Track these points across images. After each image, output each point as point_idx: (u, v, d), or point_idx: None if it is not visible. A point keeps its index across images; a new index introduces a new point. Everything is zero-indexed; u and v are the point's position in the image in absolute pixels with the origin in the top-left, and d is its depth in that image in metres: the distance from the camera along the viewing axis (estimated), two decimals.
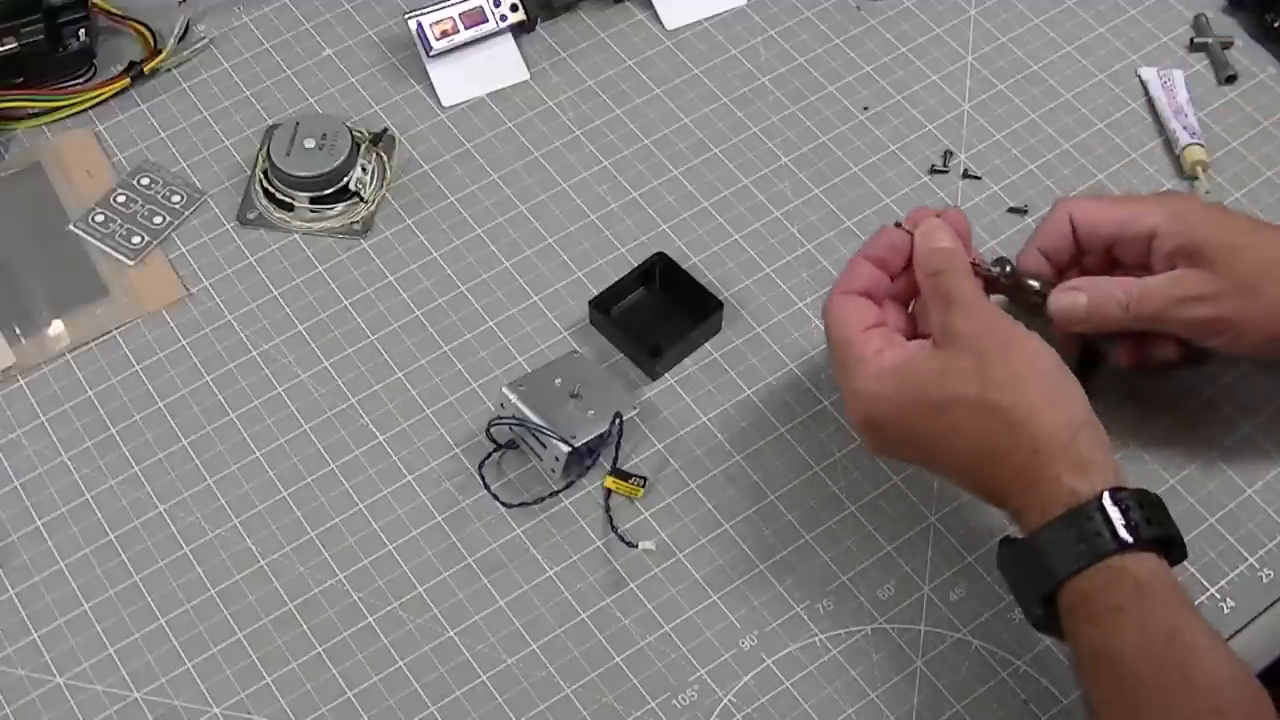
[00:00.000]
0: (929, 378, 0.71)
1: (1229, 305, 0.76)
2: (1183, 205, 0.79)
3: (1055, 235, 0.80)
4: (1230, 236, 0.77)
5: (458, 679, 0.76)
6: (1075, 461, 0.69)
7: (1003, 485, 0.71)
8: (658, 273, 0.89)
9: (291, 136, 0.91)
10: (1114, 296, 0.77)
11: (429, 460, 0.83)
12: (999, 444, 0.70)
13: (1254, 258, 0.76)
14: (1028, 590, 0.70)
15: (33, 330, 0.87)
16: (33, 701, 0.75)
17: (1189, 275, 0.76)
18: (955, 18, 1.02)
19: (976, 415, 0.70)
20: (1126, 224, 0.78)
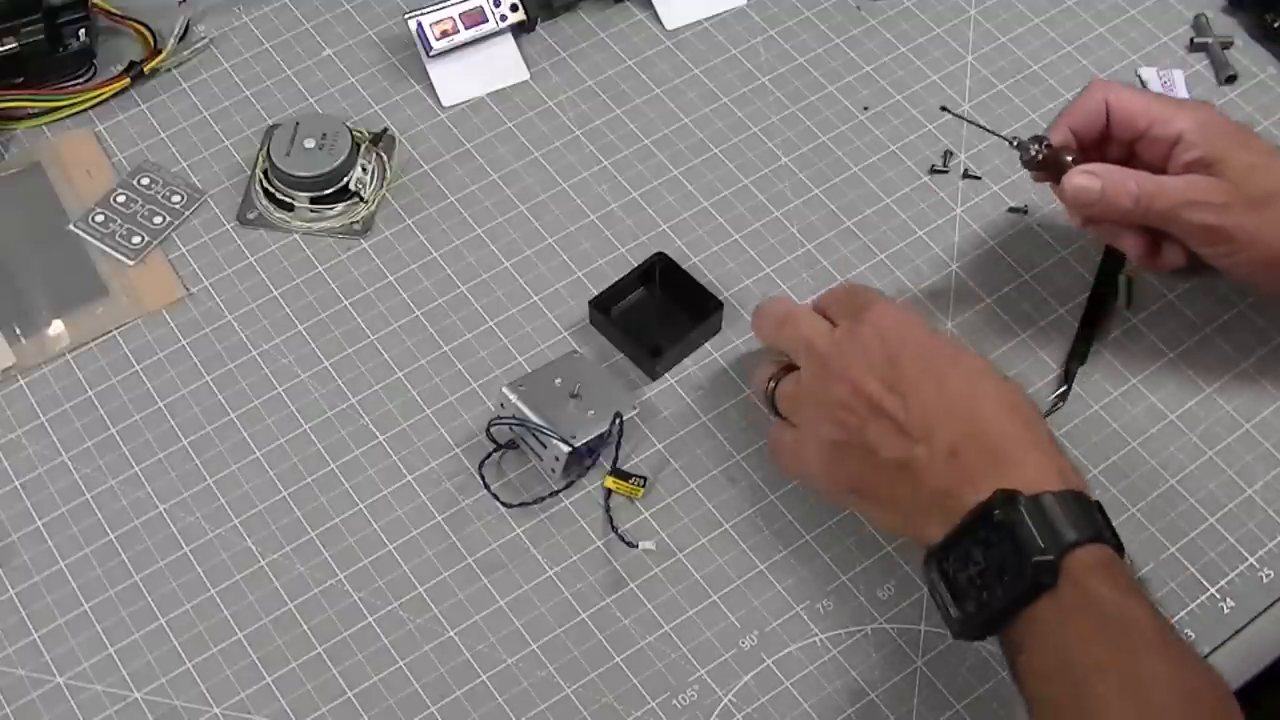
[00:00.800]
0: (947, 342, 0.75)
1: (1234, 218, 0.77)
2: (1211, 118, 0.80)
3: (1089, 115, 0.81)
4: (1251, 155, 0.79)
5: (458, 679, 0.76)
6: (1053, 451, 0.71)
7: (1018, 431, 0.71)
8: (658, 273, 0.89)
9: (291, 136, 0.91)
10: (1127, 187, 0.78)
11: (429, 460, 0.83)
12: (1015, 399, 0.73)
13: (1269, 177, 0.78)
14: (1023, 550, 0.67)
15: (33, 330, 0.87)
16: (33, 701, 0.76)
17: (1203, 181, 0.78)
18: (955, 18, 1.02)
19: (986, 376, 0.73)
20: (1157, 123, 0.80)
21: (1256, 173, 0.78)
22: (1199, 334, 0.88)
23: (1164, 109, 0.80)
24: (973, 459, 0.70)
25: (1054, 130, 0.82)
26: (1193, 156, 0.79)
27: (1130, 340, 0.88)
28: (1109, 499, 0.82)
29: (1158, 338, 0.88)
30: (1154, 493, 0.82)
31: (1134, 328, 0.88)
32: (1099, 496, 0.81)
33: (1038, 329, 0.88)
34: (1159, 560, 0.80)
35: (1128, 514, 0.81)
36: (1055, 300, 0.89)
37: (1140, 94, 0.82)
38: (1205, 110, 0.81)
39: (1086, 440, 0.84)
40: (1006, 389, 0.73)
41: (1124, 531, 0.80)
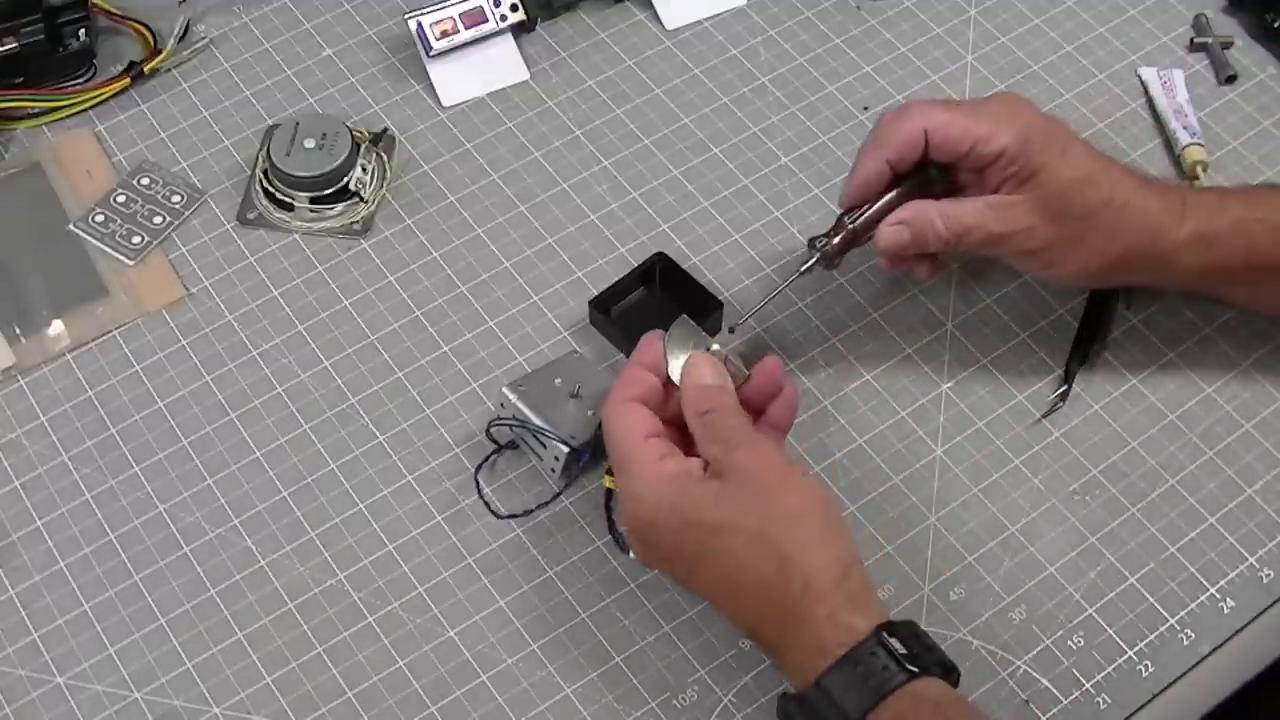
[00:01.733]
0: (706, 502, 0.70)
1: (1043, 238, 0.78)
2: (1032, 128, 0.78)
3: (906, 146, 0.79)
4: (1071, 169, 0.78)
5: (458, 679, 0.76)
6: (849, 599, 0.68)
7: (772, 620, 0.69)
8: (658, 273, 0.89)
9: (291, 136, 0.91)
10: (935, 231, 0.78)
11: (429, 460, 0.83)
12: (769, 576, 0.69)
13: (1089, 192, 0.78)
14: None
15: (33, 330, 0.87)
16: (33, 701, 0.75)
17: (1010, 207, 0.78)
18: (955, 18, 1.02)
19: (751, 545, 0.69)
20: (979, 143, 0.78)
21: (1075, 188, 0.78)
22: (1199, 334, 0.88)
23: (984, 127, 0.78)
24: (761, 641, 0.72)
25: (866, 161, 0.80)
26: (1011, 173, 0.78)
27: (1130, 340, 0.88)
28: (1109, 499, 0.82)
29: (1158, 338, 0.88)
30: (1154, 493, 0.82)
31: (1134, 328, 0.88)
32: (1099, 496, 0.81)
33: (1038, 329, 0.88)
34: (1159, 560, 0.80)
35: (1128, 514, 0.81)
36: (1055, 300, 0.89)
37: (957, 115, 0.79)
38: (1025, 118, 0.79)
39: (1086, 440, 0.84)
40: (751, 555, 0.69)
41: (1124, 531, 0.80)
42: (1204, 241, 0.79)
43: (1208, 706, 0.77)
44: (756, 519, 0.70)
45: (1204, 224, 0.79)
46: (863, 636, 0.67)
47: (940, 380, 0.86)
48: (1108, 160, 0.80)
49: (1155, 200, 0.79)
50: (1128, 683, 0.76)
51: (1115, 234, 0.78)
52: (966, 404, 0.85)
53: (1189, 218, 0.79)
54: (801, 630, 0.68)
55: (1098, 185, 0.78)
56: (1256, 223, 0.79)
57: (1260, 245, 0.79)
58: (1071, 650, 0.77)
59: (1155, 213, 0.79)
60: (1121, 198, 0.78)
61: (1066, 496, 0.82)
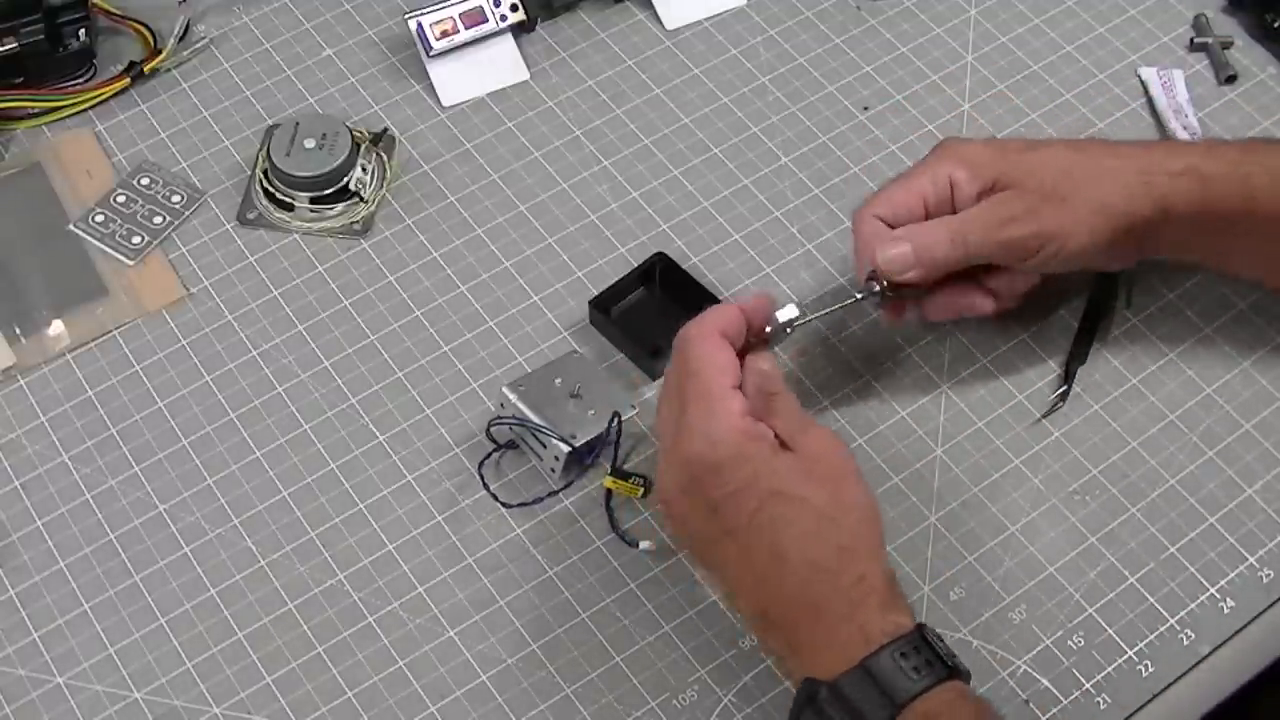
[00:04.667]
0: (780, 468, 0.69)
1: (1045, 217, 0.78)
2: (964, 151, 0.80)
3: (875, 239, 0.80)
4: (1019, 159, 0.79)
5: (458, 679, 0.76)
6: (895, 598, 0.69)
7: (808, 605, 0.68)
8: (658, 273, 0.89)
9: (291, 136, 0.91)
10: (937, 235, 0.78)
11: (429, 460, 0.83)
12: (825, 559, 0.68)
13: (1048, 171, 0.78)
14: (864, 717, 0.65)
15: (33, 330, 0.87)
16: (33, 701, 0.75)
17: (1002, 199, 0.78)
18: (955, 18, 1.02)
19: (817, 523, 0.69)
20: (928, 190, 0.79)
21: (1034, 172, 0.78)
22: (1199, 334, 0.88)
23: (923, 177, 0.80)
24: (782, 630, 0.69)
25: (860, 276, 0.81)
26: (974, 191, 0.79)
27: (1130, 340, 0.88)
28: (1109, 499, 0.82)
29: (1158, 338, 0.88)
30: (1154, 493, 0.82)
31: (1134, 328, 0.88)
32: (1099, 497, 0.81)
33: (1038, 329, 0.88)
34: (1159, 560, 0.80)
35: (1128, 514, 0.81)
36: (1055, 300, 0.89)
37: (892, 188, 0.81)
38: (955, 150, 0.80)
39: (1086, 440, 0.84)
40: (811, 532, 0.69)
41: (1124, 531, 0.80)
42: (1199, 178, 0.78)
43: (1208, 706, 0.77)
44: (827, 499, 0.69)
45: (1198, 160, 0.78)
46: (908, 630, 0.67)
47: (940, 380, 0.86)
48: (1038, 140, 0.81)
49: (1139, 148, 0.80)
50: (1128, 683, 0.76)
51: (1102, 181, 0.78)
52: (966, 404, 0.85)
53: (1182, 155, 0.79)
54: (844, 620, 0.67)
55: (1066, 155, 0.79)
56: (1255, 165, 0.78)
57: (1260, 191, 0.78)
58: (1071, 650, 0.77)
59: (1140, 155, 0.79)
60: (1096, 153, 0.79)
61: (1066, 496, 0.82)
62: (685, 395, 0.71)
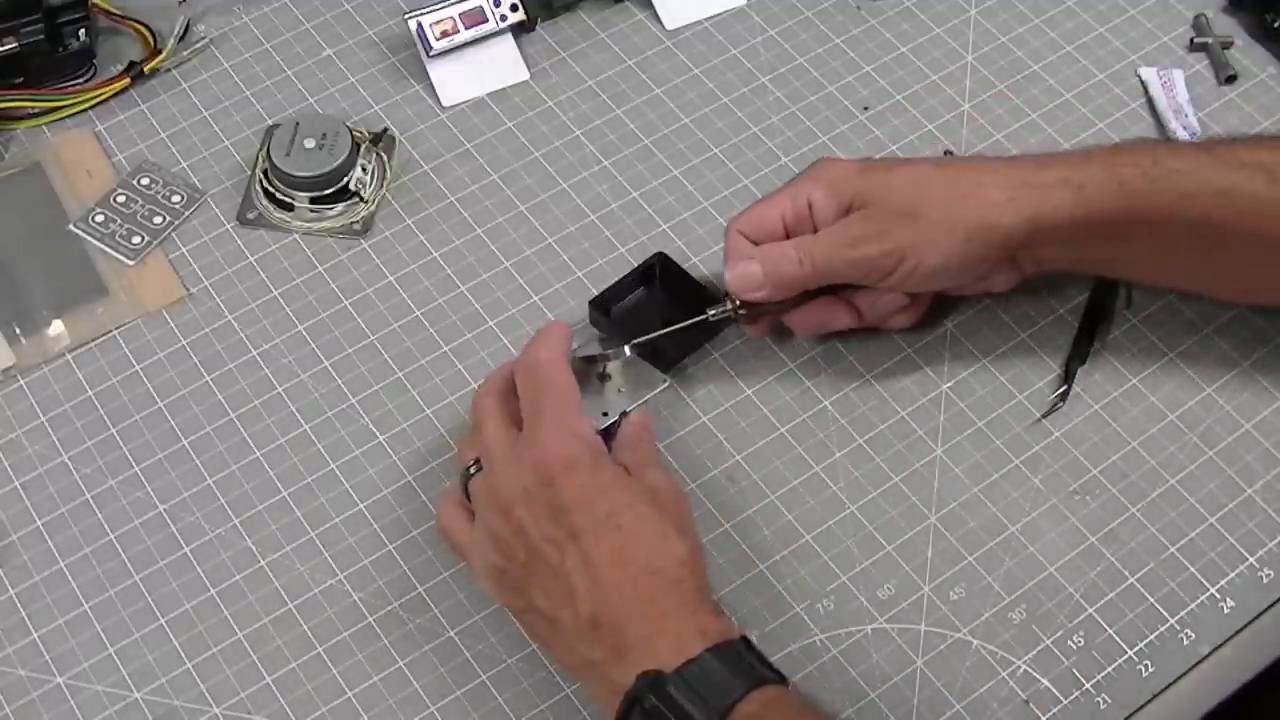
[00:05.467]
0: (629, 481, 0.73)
1: (896, 235, 0.78)
2: (827, 170, 0.81)
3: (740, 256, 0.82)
4: (876, 177, 0.80)
5: (458, 679, 0.76)
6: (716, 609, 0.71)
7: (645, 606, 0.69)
8: (657, 272, 0.89)
9: (291, 136, 0.91)
10: (787, 255, 0.80)
11: (429, 460, 0.83)
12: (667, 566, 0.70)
13: (903, 188, 0.79)
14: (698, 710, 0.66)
15: (33, 330, 0.87)
16: (33, 701, 0.76)
17: (853, 219, 0.79)
18: (955, 18, 1.02)
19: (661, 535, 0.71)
20: (787, 210, 0.81)
21: (891, 190, 0.79)
22: (1199, 334, 0.88)
23: (784, 196, 0.81)
24: (613, 633, 0.69)
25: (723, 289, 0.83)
26: (833, 209, 0.80)
27: (1130, 340, 0.88)
28: (1109, 499, 0.82)
29: (1158, 338, 0.88)
30: (1154, 493, 0.82)
31: (1134, 328, 0.88)
32: (1099, 496, 0.81)
33: (1038, 329, 0.88)
34: (1159, 560, 0.80)
35: (1128, 514, 0.81)
36: (1055, 300, 0.89)
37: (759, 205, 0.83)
38: (823, 169, 0.82)
39: (1086, 440, 0.84)
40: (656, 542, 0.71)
41: (1124, 531, 0.80)
42: (1071, 188, 0.78)
43: (1208, 706, 0.77)
44: (671, 523, 0.72)
45: (1070, 171, 0.78)
46: (733, 637, 0.69)
47: (940, 380, 0.86)
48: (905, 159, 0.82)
49: (1007, 163, 0.80)
50: (1128, 683, 0.76)
51: (960, 198, 0.78)
52: (966, 404, 0.85)
53: (1052, 168, 0.79)
54: (684, 618, 0.69)
55: (925, 173, 0.80)
56: (1129, 166, 0.78)
57: (1136, 193, 0.77)
58: (1071, 650, 0.77)
59: (1007, 170, 0.79)
60: (960, 170, 0.80)
61: (1066, 496, 0.82)
62: (539, 406, 0.74)
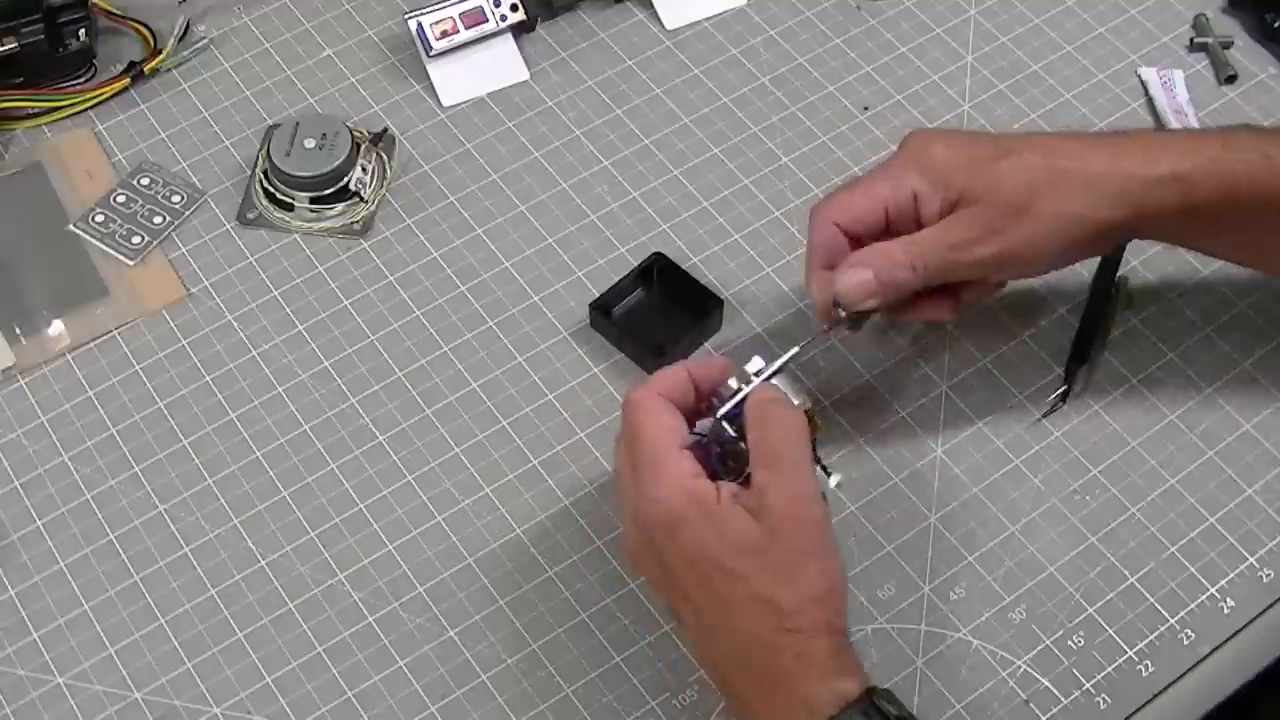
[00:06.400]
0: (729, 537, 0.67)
1: (1007, 235, 0.75)
2: (930, 158, 0.76)
3: (833, 250, 0.77)
4: (983, 172, 0.75)
5: (458, 679, 0.76)
6: (842, 666, 0.67)
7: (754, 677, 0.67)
8: (656, 272, 0.89)
9: (291, 136, 0.91)
10: (897, 260, 0.75)
11: (429, 460, 0.83)
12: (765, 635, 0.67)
13: (1014, 187, 0.75)
14: None
15: (33, 330, 0.87)
16: (33, 701, 0.76)
17: (959, 219, 0.76)
18: (955, 18, 1.02)
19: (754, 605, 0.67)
20: (890, 201, 0.76)
21: (1002, 188, 0.75)
22: (1199, 334, 0.88)
23: (884, 185, 0.77)
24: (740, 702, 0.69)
25: (813, 281, 0.78)
26: (938, 205, 0.76)
27: (1130, 340, 0.88)
28: (1109, 499, 0.82)
29: (1158, 338, 0.88)
30: (1154, 493, 0.82)
31: (1134, 328, 0.88)
32: (1099, 497, 0.82)
33: (1038, 329, 0.88)
34: (1159, 560, 0.80)
35: (1128, 514, 0.81)
36: (1055, 300, 0.89)
37: (852, 192, 0.78)
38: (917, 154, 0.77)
39: (1086, 440, 0.84)
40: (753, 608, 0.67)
41: (1124, 531, 0.80)
42: (1179, 184, 0.76)
43: (1208, 706, 0.77)
44: (769, 577, 0.67)
45: (1177, 162, 0.76)
46: (853, 698, 0.66)
47: (940, 380, 0.86)
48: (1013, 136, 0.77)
49: (1114, 150, 0.76)
50: (1128, 683, 0.76)
51: (1072, 192, 0.75)
52: (966, 404, 0.85)
53: (1161, 159, 0.76)
54: (787, 694, 0.67)
55: (1035, 164, 0.75)
56: (1235, 160, 0.76)
57: (1241, 184, 0.76)
58: (1071, 650, 0.77)
59: (1115, 160, 0.76)
60: (1068, 158, 0.76)
61: (1066, 496, 0.82)
62: (634, 459, 0.70)
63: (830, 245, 0.78)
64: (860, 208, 0.77)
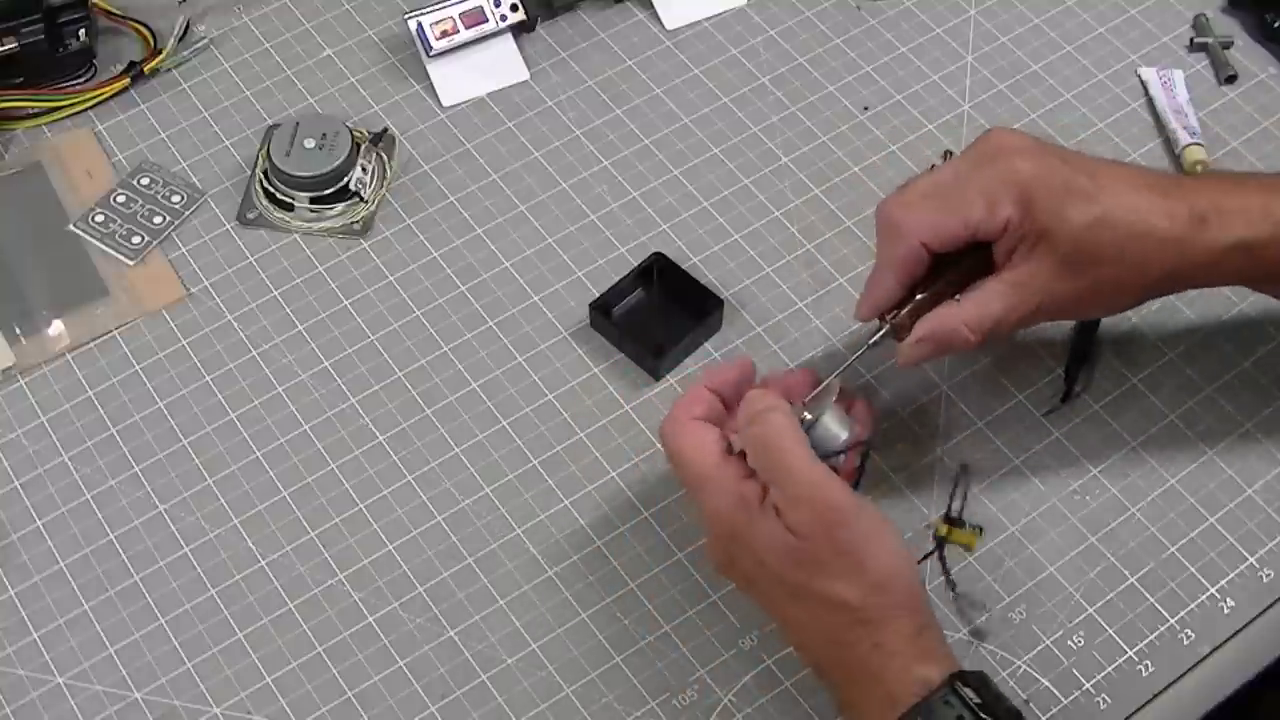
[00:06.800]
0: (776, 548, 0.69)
1: (1076, 296, 0.74)
2: (1025, 187, 0.72)
3: (914, 264, 0.75)
4: (1077, 217, 0.72)
5: (458, 679, 0.76)
6: (921, 652, 0.68)
7: (840, 669, 0.70)
8: (655, 273, 0.89)
9: (291, 136, 0.91)
10: (961, 336, 0.74)
11: (429, 460, 0.83)
12: (840, 634, 0.69)
13: (1100, 242, 0.73)
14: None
15: (33, 330, 0.87)
16: (33, 701, 0.76)
17: (1033, 283, 0.73)
18: (955, 18, 1.02)
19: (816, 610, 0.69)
20: (981, 228, 0.73)
21: (1090, 236, 0.72)
22: (1199, 334, 0.88)
23: (978, 210, 0.73)
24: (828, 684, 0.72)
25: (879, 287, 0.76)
26: (1019, 239, 0.73)
27: (1130, 340, 0.88)
28: (1109, 499, 0.82)
29: (1157, 338, 0.88)
30: (1154, 493, 0.82)
31: (1134, 328, 0.88)
32: (1099, 497, 0.81)
33: (1038, 329, 0.88)
34: (1159, 560, 0.80)
35: (1128, 514, 0.81)
36: None
37: (947, 213, 0.73)
38: (1018, 175, 0.73)
39: (1086, 440, 0.84)
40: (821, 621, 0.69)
41: (1124, 531, 0.80)
42: (1248, 253, 0.74)
43: (1208, 706, 0.77)
44: (828, 579, 0.68)
45: (1246, 228, 0.74)
46: (936, 686, 0.66)
47: (940, 380, 0.86)
48: (1115, 178, 0.74)
49: (1182, 215, 0.73)
50: (1128, 683, 0.76)
51: (1143, 266, 0.74)
52: (966, 404, 0.85)
53: (1227, 226, 0.74)
54: (871, 684, 0.68)
55: (1113, 225, 0.73)
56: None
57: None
58: (1071, 650, 0.77)
59: (1182, 230, 0.73)
60: (1142, 225, 0.73)
61: (1066, 496, 0.82)
62: (685, 482, 0.73)
63: (914, 266, 0.75)
64: (951, 233, 0.74)
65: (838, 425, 0.73)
